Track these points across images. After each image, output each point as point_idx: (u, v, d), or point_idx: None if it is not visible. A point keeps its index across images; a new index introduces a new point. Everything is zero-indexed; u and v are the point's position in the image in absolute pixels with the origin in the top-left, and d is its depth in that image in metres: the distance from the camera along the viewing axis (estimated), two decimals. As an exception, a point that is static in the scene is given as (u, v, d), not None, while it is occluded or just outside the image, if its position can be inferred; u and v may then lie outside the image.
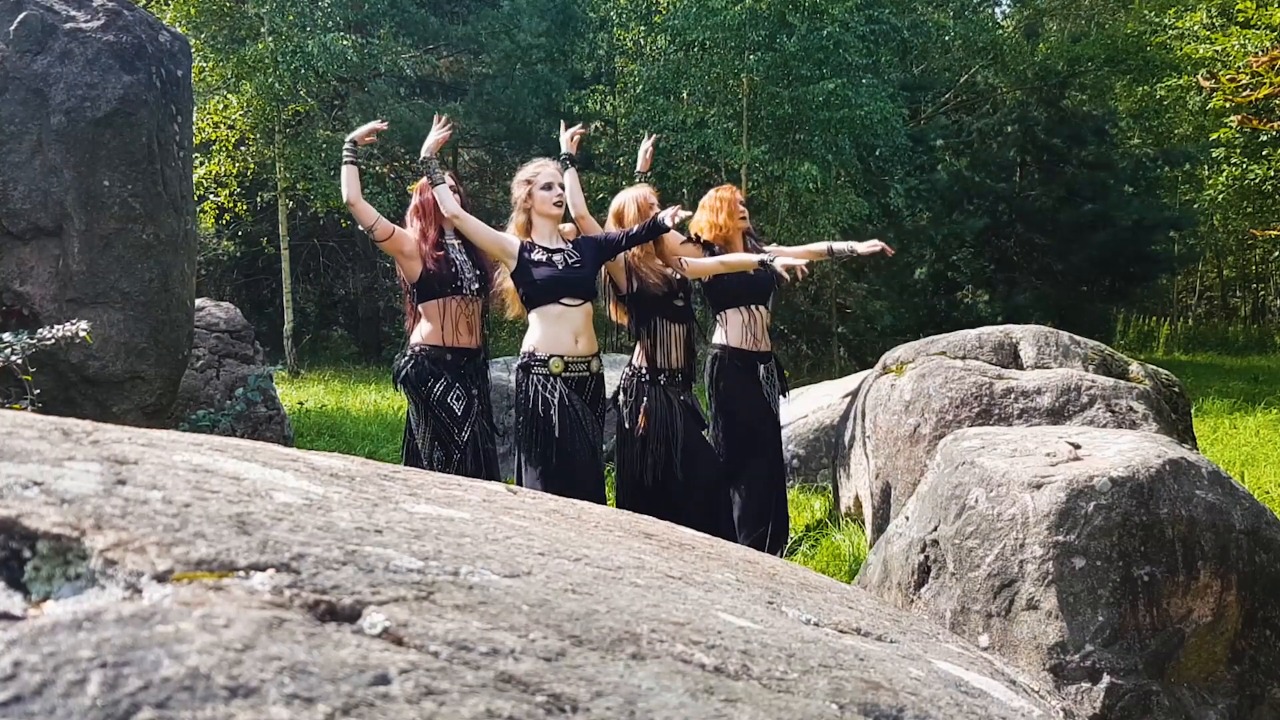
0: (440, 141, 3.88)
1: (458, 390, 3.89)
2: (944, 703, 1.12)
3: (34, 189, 4.34)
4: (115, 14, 4.63)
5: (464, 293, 3.94)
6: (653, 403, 4.14)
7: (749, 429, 4.42)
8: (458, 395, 3.89)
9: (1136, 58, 16.76)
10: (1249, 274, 22.79)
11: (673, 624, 1.04)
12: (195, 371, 5.93)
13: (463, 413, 3.89)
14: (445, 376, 3.89)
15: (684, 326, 4.26)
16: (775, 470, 4.50)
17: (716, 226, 4.48)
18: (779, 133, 12.71)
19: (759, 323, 4.50)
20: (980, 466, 2.48)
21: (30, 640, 0.69)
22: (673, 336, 4.22)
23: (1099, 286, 16.86)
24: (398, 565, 0.96)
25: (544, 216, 3.90)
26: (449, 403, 3.88)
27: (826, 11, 11.93)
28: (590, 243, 3.97)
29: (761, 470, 4.44)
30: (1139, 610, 2.23)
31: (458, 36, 16.02)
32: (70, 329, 3.79)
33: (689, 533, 1.78)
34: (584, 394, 3.81)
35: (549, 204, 3.88)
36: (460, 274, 3.96)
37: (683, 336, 4.25)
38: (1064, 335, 4.48)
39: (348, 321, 18.59)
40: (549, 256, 3.84)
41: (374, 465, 1.52)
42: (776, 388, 4.55)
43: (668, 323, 4.22)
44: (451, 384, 3.89)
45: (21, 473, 0.91)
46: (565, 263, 3.83)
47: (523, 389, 3.81)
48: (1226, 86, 10.85)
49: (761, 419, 4.47)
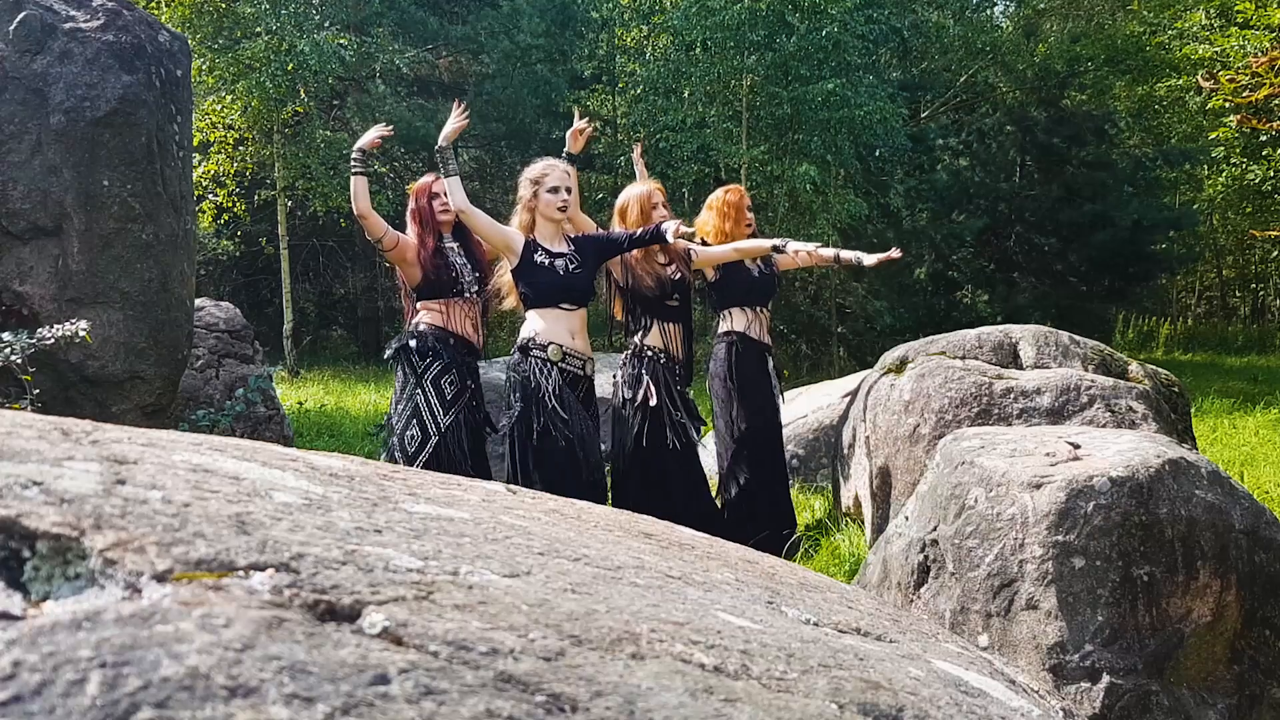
0: (458, 129, 3.89)
1: (453, 375, 3.92)
2: (943, 702, 1.12)
3: (33, 189, 4.34)
4: (115, 14, 4.63)
5: (465, 295, 3.98)
6: (652, 374, 4.17)
7: (762, 418, 4.46)
8: (452, 380, 3.92)
9: (1136, 58, 16.77)
10: (1249, 274, 22.78)
11: (672, 624, 1.04)
12: (195, 371, 5.93)
13: (452, 398, 3.91)
14: (444, 357, 3.91)
15: (678, 325, 4.27)
16: (780, 467, 4.56)
17: (722, 233, 4.52)
18: (778, 133, 12.71)
19: (762, 324, 4.55)
20: (980, 466, 2.48)
21: (30, 640, 0.69)
22: (667, 334, 4.24)
23: (1099, 286, 16.86)
24: (397, 565, 0.96)
25: (547, 219, 3.91)
26: (441, 384, 3.91)
27: (826, 12, 11.93)
28: (591, 242, 3.98)
29: (768, 467, 4.48)
30: (1138, 610, 2.23)
31: (457, 36, 16.03)
32: (70, 329, 3.79)
33: (689, 532, 1.78)
34: (577, 391, 3.85)
35: (553, 208, 3.89)
36: (460, 277, 4.01)
37: (678, 334, 4.25)
38: (1063, 335, 4.48)
39: (347, 321, 18.58)
40: (551, 261, 3.86)
41: (374, 465, 1.52)
42: (779, 385, 4.59)
43: (662, 322, 4.24)
44: (449, 367, 3.91)
45: (21, 472, 0.91)
46: (566, 268, 3.87)
47: (520, 369, 3.84)
48: (1226, 87, 10.85)
49: (774, 410, 4.53)
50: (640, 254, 4.17)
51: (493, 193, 16.67)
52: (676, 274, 4.25)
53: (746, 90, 12.49)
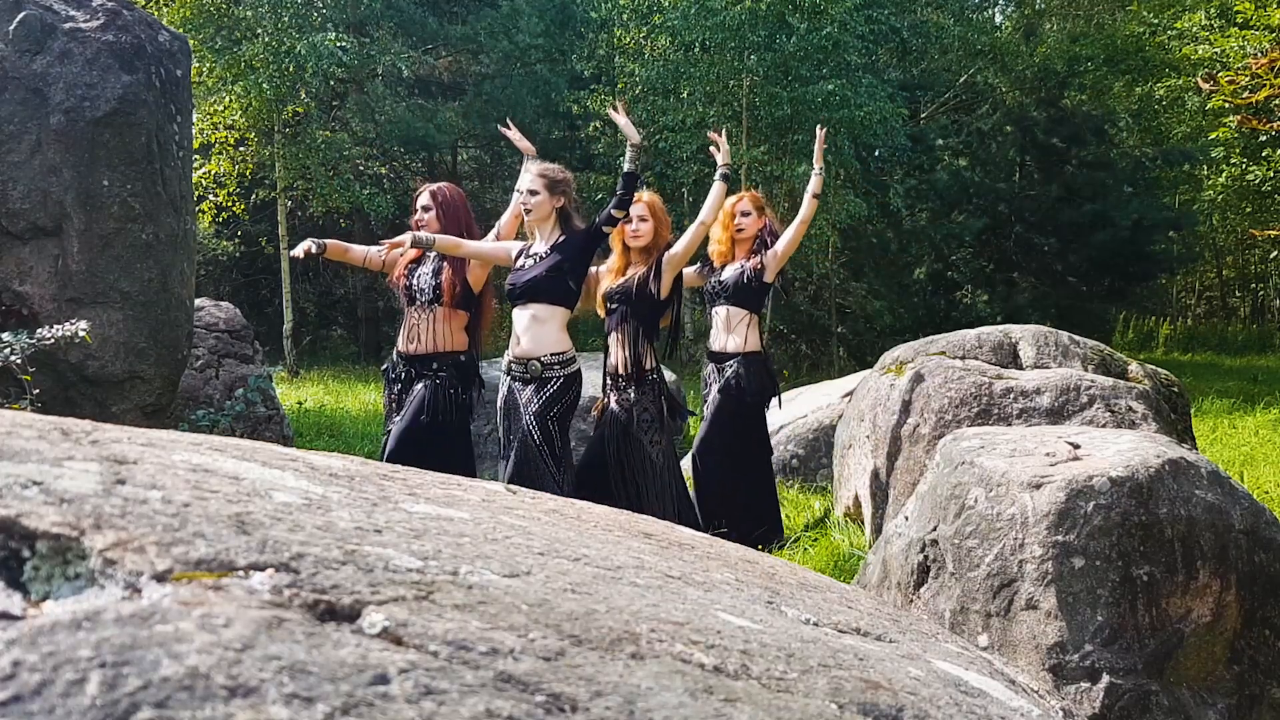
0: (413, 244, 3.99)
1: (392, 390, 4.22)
2: (943, 702, 1.12)
3: (33, 189, 4.34)
4: (114, 14, 4.63)
5: (415, 302, 4.11)
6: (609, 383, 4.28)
7: (705, 423, 4.57)
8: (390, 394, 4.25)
9: (1135, 58, 16.78)
10: (1248, 274, 22.79)
11: (672, 624, 1.04)
12: (194, 371, 5.93)
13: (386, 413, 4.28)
14: (387, 374, 4.30)
15: (617, 333, 4.26)
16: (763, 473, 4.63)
17: (721, 255, 4.68)
18: (778, 133, 12.71)
19: (719, 329, 4.64)
20: (980, 466, 2.48)
21: (29, 640, 0.69)
22: (613, 341, 4.27)
23: (1098, 286, 16.87)
24: (397, 565, 0.96)
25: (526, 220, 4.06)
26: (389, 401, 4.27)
27: (826, 12, 11.93)
28: (573, 240, 3.97)
29: (763, 468, 4.51)
30: (1138, 610, 2.23)
31: (456, 37, 16.02)
32: (70, 329, 3.79)
33: (688, 532, 1.78)
34: (537, 395, 3.87)
35: (521, 208, 4.05)
36: (413, 285, 4.15)
37: (619, 341, 4.24)
38: (1063, 335, 4.48)
39: (347, 321, 18.59)
40: (523, 262, 3.99)
41: (374, 465, 1.52)
42: (714, 390, 4.68)
43: (610, 331, 4.30)
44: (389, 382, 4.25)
45: (21, 472, 0.91)
46: (524, 266, 3.97)
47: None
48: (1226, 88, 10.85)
49: (709, 418, 4.60)
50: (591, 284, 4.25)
51: (492, 193, 16.68)
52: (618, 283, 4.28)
53: (746, 91, 12.49)
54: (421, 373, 4.05)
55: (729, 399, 4.50)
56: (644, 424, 4.15)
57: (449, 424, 4.00)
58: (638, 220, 4.18)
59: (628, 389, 4.17)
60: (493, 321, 4.55)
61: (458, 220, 4.12)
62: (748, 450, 4.53)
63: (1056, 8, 19.49)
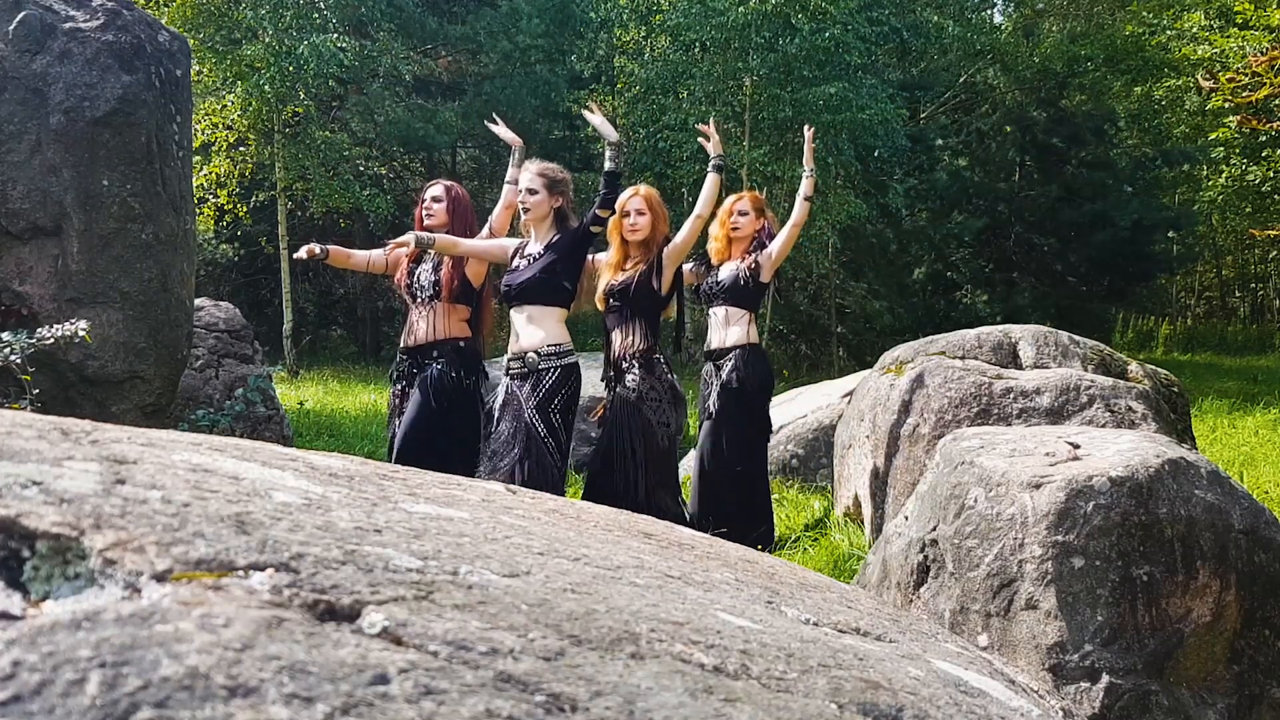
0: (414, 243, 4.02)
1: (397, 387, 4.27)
2: (943, 702, 1.12)
3: (33, 188, 4.34)
4: (114, 14, 4.63)
5: (417, 299, 4.15)
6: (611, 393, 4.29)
7: (706, 423, 4.55)
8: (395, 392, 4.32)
9: (1135, 58, 16.77)
10: (1248, 274, 22.80)
11: (672, 623, 1.04)
12: (194, 371, 5.93)
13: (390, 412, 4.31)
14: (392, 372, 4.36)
15: (615, 329, 4.27)
16: (762, 469, 4.63)
17: (719, 253, 4.66)
18: (779, 134, 12.71)
19: (717, 328, 4.62)
20: (979, 466, 2.48)
21: (29, 640, 0.69)
22: (618, 336, 4.27)
23: (1098, 286, 16.88)
24: (397, 565, 0.96)
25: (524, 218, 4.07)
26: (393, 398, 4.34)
27: (829, 13, 11.93)
28: (564, 241, 3.97)
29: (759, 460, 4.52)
30: (1138, 610, 2.23)
31: (456, 37, 16.01)
32: (69, 329, 3.78)
33: (688, 532, 1.78)
34: (536, 389, 3.88)
35: (519, 206, 4.04)
36: (414, 282, 4.20)
37: (617, 337, 4.25)
38: (1063, 335, 4.48)
39: (347, 321, 18.59)
40: (518, 263, 4.00)
41: (373, 465, 1.52)
42: (715, 389, 4.69)
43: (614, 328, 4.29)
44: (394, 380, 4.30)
45: (21, 472, 0.91)
46: (519, 267, 3.99)
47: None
48: (1226, 88, 10.85)
49: (711, 414, 4.59)
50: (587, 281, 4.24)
51: (492, 193, 16.67)
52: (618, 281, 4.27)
53: (748, 91, 12.48)
54: (423, 363, 4.08)
55: (730, 397, 4.49)
56: (653, 403, 4.14)
57: (455, 411, 4.02)
58: (635, 214, 4.17)
59: (633, 370, 4.17)
60: (494, 322, 4.57)
61: (464, 219, 4.17)
62: (749, 439, 4.53)
63: (1056, 8, 19.48)
